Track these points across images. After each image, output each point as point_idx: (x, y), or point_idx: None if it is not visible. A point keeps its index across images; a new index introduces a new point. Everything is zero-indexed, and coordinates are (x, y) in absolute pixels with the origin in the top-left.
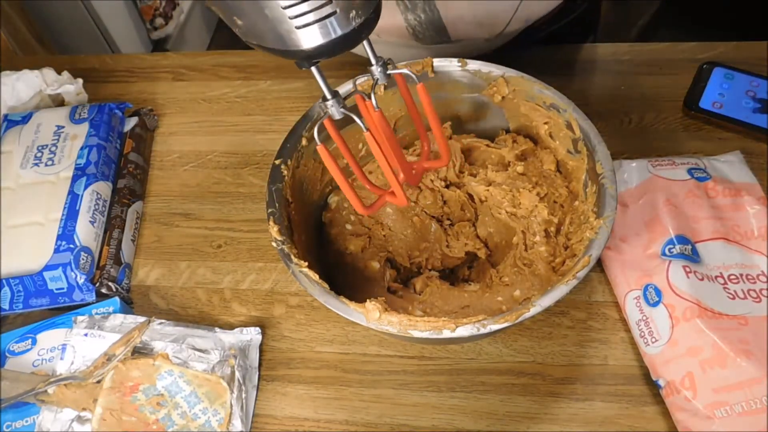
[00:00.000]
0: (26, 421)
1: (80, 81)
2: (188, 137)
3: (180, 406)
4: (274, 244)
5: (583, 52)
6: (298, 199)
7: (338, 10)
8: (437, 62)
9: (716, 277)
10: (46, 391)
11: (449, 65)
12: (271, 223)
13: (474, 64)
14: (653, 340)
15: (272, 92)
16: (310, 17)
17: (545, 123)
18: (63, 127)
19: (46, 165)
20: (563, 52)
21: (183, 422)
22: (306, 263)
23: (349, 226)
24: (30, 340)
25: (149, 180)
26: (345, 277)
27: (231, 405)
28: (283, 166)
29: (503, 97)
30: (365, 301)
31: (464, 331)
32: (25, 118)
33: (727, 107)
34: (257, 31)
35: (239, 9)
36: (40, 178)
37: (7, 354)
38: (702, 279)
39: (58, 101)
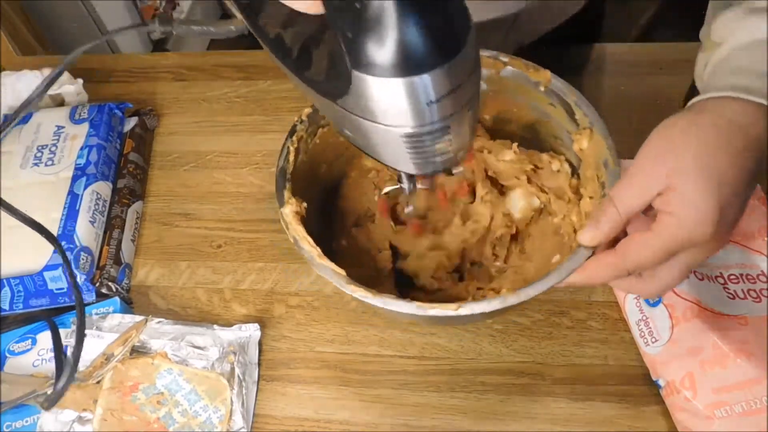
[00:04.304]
0: (26, 422)
1: (80, 81)
2: (188, 137)
3: (180, 404)
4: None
5: (583, 53)
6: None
7: (454, 155)
8: None
9: (716, 277)
10: (45, 393)
11: None
12: (321, 259)
13: None
14: (653, 340)
15: (272, 92)
16: (430, 159)
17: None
18: (63, 127)
19: (46, 165)
20: (563, 53)
21: (184, 420)
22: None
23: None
24: (30, 340)
25: (149, 180)
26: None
27: (231, 401)
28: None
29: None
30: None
31: (515, 299)
32: (25, 118)
33: None
34: (371, 150)
35: (363, 136)
36: (40, 178)
37: (7, 354)
38: (702, 279)
39: (58, 101)
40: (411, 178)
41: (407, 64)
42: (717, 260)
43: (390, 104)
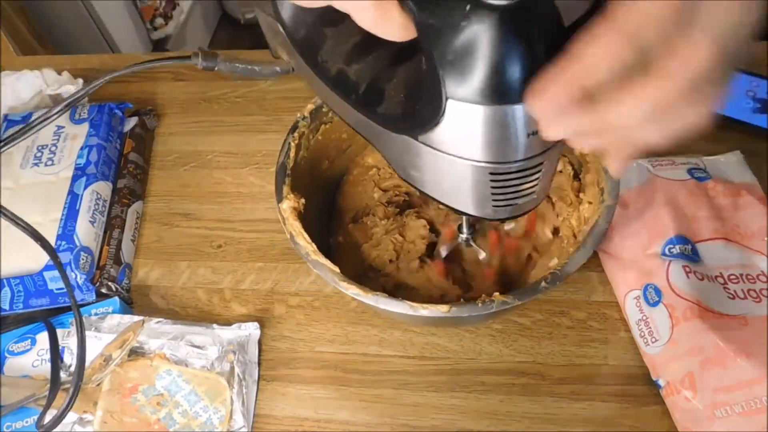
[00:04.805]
0: (26, 422)
1: (80, 81)
2: (188, 137)
3: (180, 405)
4: (332, 283)
5: None
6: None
7: (537, 195)
8: None
9: (716, 277)
10: (45, 396)
11: None
12: (316, 255)
13: None
14: (653, 340)
15: (272, 92)
16: (512, 201)
17: None
18: (63, 127)
19: (46, 165)
20: None
21: (184, 421)
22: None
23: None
24: (29, 340)
25: (149, 180)
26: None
27: (231, 401)
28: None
29: None
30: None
31: (509, 302)
32: (25, 118)
33: (727, 107)
34: (443, 191)
35: (438, 175)
36: (40, 178)
37: (6, 354)
38: (702, 279)
39: (58, 101)
40: (471, 229)
41: (516, 90)
42: (717, 260)
43: (489, 135)
